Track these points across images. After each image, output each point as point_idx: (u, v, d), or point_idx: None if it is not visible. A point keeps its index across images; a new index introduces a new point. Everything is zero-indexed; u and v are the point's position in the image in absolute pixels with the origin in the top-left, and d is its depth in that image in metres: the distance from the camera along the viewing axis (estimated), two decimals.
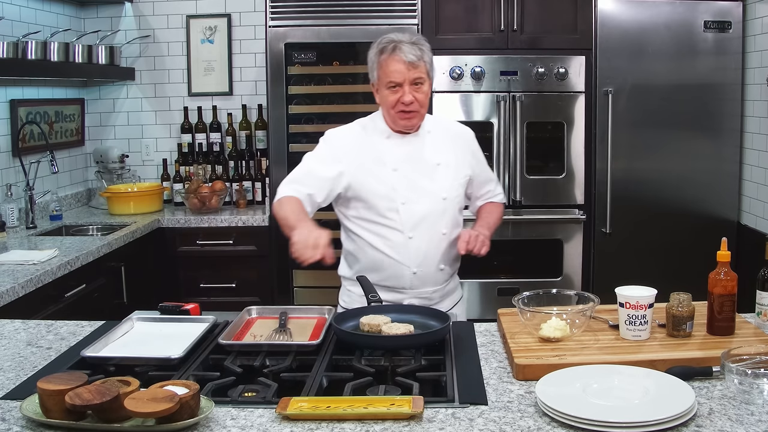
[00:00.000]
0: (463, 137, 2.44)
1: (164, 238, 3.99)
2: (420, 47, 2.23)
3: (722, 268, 1.84)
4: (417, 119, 2.28)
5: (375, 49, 2.28)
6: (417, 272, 2.29)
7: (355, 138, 2.35)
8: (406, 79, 2.20)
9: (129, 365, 1.70)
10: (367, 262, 2.33)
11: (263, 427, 1.42)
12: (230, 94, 4.54)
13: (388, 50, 2.22)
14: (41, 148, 3.89)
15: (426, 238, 2.28)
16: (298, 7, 3.85)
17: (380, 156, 2.30)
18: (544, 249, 3.88)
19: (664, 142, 3.80)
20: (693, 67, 3.76)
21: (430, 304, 2.31)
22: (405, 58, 2.19)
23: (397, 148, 2.31)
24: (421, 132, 2.34)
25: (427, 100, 2.27)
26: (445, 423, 1.42)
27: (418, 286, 2.31)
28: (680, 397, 1.44)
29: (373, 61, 2.28)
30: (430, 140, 2.35)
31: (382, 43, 2.25)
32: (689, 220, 3.83)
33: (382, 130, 2.34)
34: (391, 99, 2.23)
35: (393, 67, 2.21)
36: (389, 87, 2.23)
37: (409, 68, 2.20)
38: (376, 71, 2.27)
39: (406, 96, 2.21)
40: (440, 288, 2.36)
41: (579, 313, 1.87)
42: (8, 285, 2.57)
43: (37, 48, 3.61)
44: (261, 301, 3.78)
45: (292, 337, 1.90)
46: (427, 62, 2.25)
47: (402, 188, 2.28)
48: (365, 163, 2.30)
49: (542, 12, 3.80)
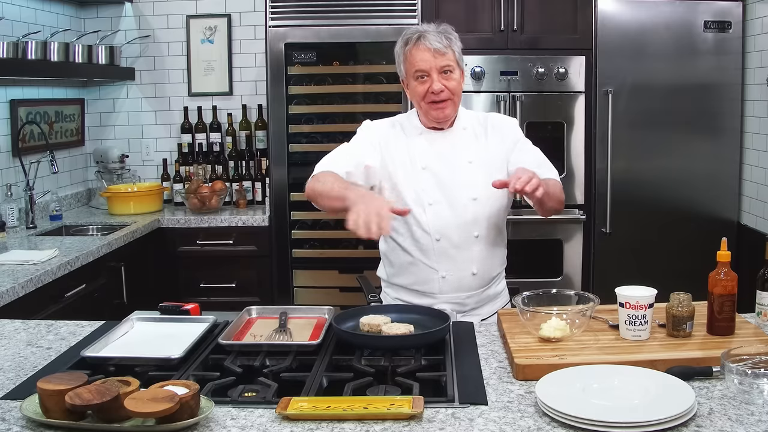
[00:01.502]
0: (504, 129, 2.29)
1: (164, 238, 3.99)
2: (447, 36, 2.16)
3: (722, 268, 1.84)
4: (450, 109, 2.19)
5: (400, 41, 2.21)
6: (446, 276, 2.21)
7: (389, 132, 2.28)
8: (433, 67, 2.14)
9: (129, 365, 1.69)
10: (398, 265, 2.28)
11: (263, 427, 1.42)
12: (230, 94, 4.54)
13: (413, 40, 2.16)
14: (41, 148, 3.89)
15: (455, 241, 2.19)
16: (298, 7, 3.85)
17: (410, 153, 2.23)
18: (544, 249, 3.88)
19: (664, 142, 3.80)
20: (693, 67, 3.76)
21: (464, 310, 2.23)
22: (431, 45, 2.13)
23: (428, 146, 2.23)
24: (456, 128, 2.26)
25: (459, 88, 2.19)
26: (445, 423, 1.42)
27: (449, 291, 2.22)
28: (680, 397, 1.44)
29: (399, 54, 2.22)
30: (464, 137, 2.25)
31: (407, 34, 2.19)
32: (689, 220, 3.83)
33: (415, 127, 2.27)
34: (420, 90, 2.16)
35: (419, 56, 2.14)
36: (417, 77, 2.16)
37: (436, 56, 2.13)
38: (403, 64, 2.21)
39: (435, 84, 2.14)
40: (475, 294, 2.25)
41: (579, 313, 1.87)
42: (8, 285, 2.57)
43: (37, 48, 3.61)
44: (261, 301, 3.79)
45: (292, 337, 1.90)
46: (456, 51, 2.17)
47: (430, 188, 2.20)
48: (396, 160, 2.23)
49: (542, 12, 3.80)
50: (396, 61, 2.26)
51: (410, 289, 2.26)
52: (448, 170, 2.21)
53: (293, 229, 3.99)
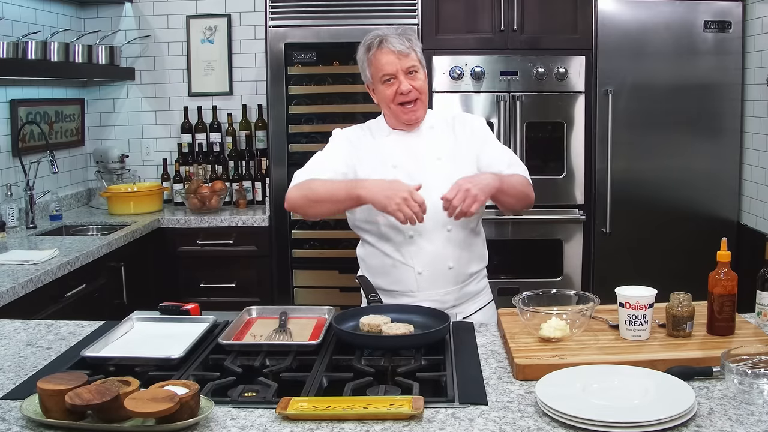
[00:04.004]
0: (469, 126, 2.33)
1: (164, 238, 3.99)
2: (407, 38, 2.20)
3: (722, 268, 1.84)
4: (420, 109, 2.23)
5: (362, 48, 2.26)
6: (422, 273, 2.23)
7: (358, 137, 2.33)
8: (399, 69, 2.18)
9: (129, 365, 1.70)
10: (375, 267, 2.30)
11: (263, 427, 1.42)
12: (230, 94, 4.54)
13: (375, 45, 2.20)
14: (41, 148, 3.89)
15: (428, 237, 2.21)
16: (298, 7, 3.85)
17: (380, 154, 2.28)
18: (544, 249, 3.88)
19: (664, 142, 3.80)
20: (693, 67, 3.76)
21: (444, 307, 2.21)
22: (394, 48, 2.17)
23: (397, 145, 2.28)
24: (423, 127, 2.30)
25: (425, 88, 2.23)
26: (445, 423, 1.42)
27: (427, 288, 2.24)
28: (680, 397, 1.44)
29: (362, 60, 2.26)
30: (431, 135, 2.30)
31: (368, 39, 2.23)
32: (689, 220, 3.83)
33: (383, 129, 2.32)
34: (389, 93, 2.21)
35: (384, 59, 2.18)
36: (384, 81, 2.20)
37: (400, 57, 2.17)
38: (368, 69, 2.25)
39: (403, 85, 2.18)
40: (454, 290, 2.27)
41: (579, 313, 1.87)
42: (8, 285, 2.57)
43: (37, 48, 3.61)
44: (261, 301, 3.79)
45: (292, 337, 1.90)
46: (418, 51, 2.22)
47: None
48: (367, 162, 2.27)
49: (542, 12, 3.80)
50: (360, 68, 2.29)
51: (388, 290, 2.26)
52: (418, 167, 2.25)
53: (293, 229, 3.99)
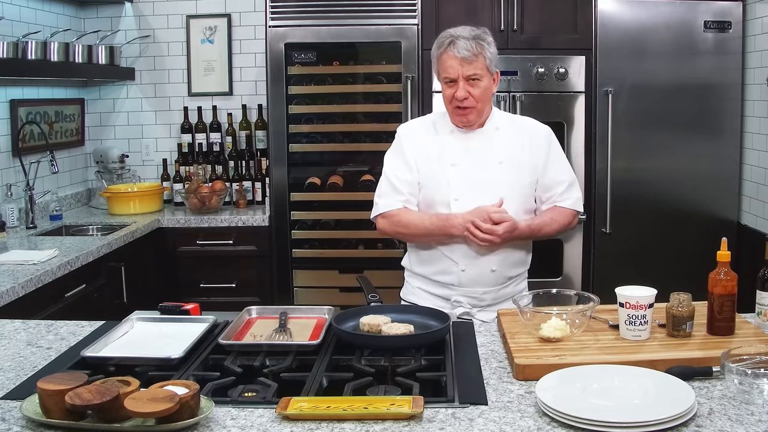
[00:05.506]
0: (538, 135, 2.36)
1: (164, 238, 3.99)
2: (479, 42, 2.21)
3: (722, 268, 1.84)
4: (473, 116, 2.27)
5: (435, 44, 2.29)
6: (466, 270, 2.28)
7: (422, 133, 2.37)
8: (459, 75, 2.20)
9: (129, 365, 1.70)
10: (422, 255, 2.35)
11: (263, 427, 1.42)
12: (230, 94, 4.54)
13: (444, 45, 2.23)
14: (41, 148, 3.89)
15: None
16: (298, 7, 3.85)
17: (442, 150, 2.31)
18: (544, 249, 3.87)
19: (664, 142, 3.80)
20: (693, 67, 3.76)
21: (481, 305, 2.30)
22: (458, 54, 2.19)
23: (459, 144, 2.31)
24: (488, 128, 2.32)
25: (485, 95, 2.25)
26: (445, 423, 1.42)
27: (467, 285, 2.30)
28: (680, 397, 1.44)
29: (433, 56, 2.30)
30: (496, 137, 2.32)
31: (441, 38, 2.26)
32: (689, 220, 3.83)
33: (447, 125, 2.34)
34: (447, 94, 2.25)
35: (447, 63, 2.22)
36: (445, 82, 2.25)
37: (463, 64, 2.19)
38: (436, 66, 2.28)
39: (459, 91, 2.21)
40: (492, 290, 2.32)
41: (579, 313, 1.87)
42: (8, 285, 2.57)
43: (37, 48, 3.61)
44: (261, 301, 3.79)
45: (292, 337, 1.90)
46: (488, 57, 2.22)
47: (456, 184, 2.27)
48: (429, 157, 2.31)
49: (542, 12, 3.80)
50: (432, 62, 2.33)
51: (431, 279, 2.33)
52: (477, 168, 2.28)
53: (293, 229, 3.99)
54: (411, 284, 2.43)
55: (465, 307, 2.30)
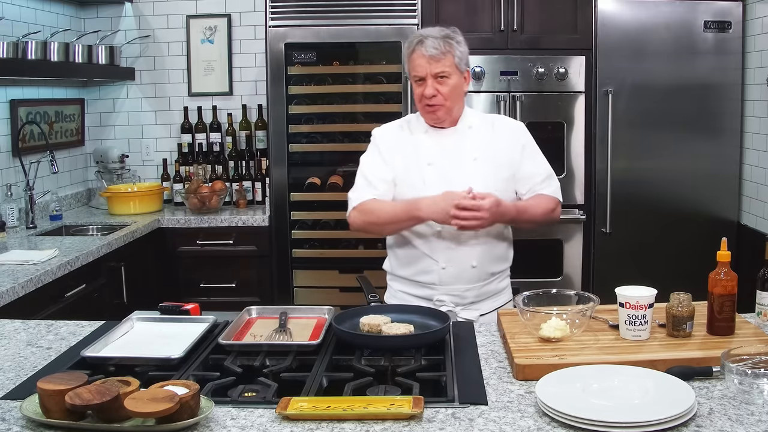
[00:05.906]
0: (511, 131, 2.40)
1: (164, 238, 3.99)
2: (447, 41, 2.24)
3: (722, 268, 1.84)
4: (442, 113, 2.29)
5: (405, 44, 2.34)
6: (446, 268, 2.28)
7: (397, 134, 2.39)
8: (428, 73, 2.23)
9: (129, 365, 1.70)
10: (402, 256, 2.37)
11: (263, 427, 1.42)
12: (230, 94, 4.54)
13: (413, 44, 2.27)
14: (41, 148, 3.89)
15: (455, 233, 2.25)
16: (298, 7, 3.85)
17: (417, 150, 2.33)
18: (544, 249, 3.88)
19: (664, 142, 3.80)
20: (693, 67, 3.76)
21: (463, 303, 2.31)
22: (426, 52, 2.22)
23: (433, 142, 2.33)
24: (461, 126, 2.35)
25: (454, 93, 2.27)
26: (445, 423, 1.42)
27: (449, 283, 2.30)
28: (680, 397, 1.44)
29: (404, 56, 2.35)
30: (469, 135, 2.34)
31: (411, 38, 2.31)
32: (689, 220, 3.83)
33: (422, 125, 2.37)
34: (417, 92, 2.29)
35: (416, 62, 2.25)
36: (415, 81, 2.28)
37: (431, 62, 2.22)
38: (407, 65, 2.32)
39: (427, 89, 2.24)
40: (474, 287, 2.32)
41: (579, 313, 1.87)
42: (8, 285, 2.57)
43: (37, 48, 3.61)
44: (261, 301, 3.79)
45: (292, 337, 1.90)
46: (456, 56, 2.25)
47: (432, 182, 2.27)
48: (404, 157, 2.33)
49: (542, 12, 3.80)
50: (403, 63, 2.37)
51: (411, 280, 2.34)
52: (452, 166, 2.30)
53: (293, 229, 3.99)
54: (393, 287, 2.44)
55: (448, 306, 2.29)
